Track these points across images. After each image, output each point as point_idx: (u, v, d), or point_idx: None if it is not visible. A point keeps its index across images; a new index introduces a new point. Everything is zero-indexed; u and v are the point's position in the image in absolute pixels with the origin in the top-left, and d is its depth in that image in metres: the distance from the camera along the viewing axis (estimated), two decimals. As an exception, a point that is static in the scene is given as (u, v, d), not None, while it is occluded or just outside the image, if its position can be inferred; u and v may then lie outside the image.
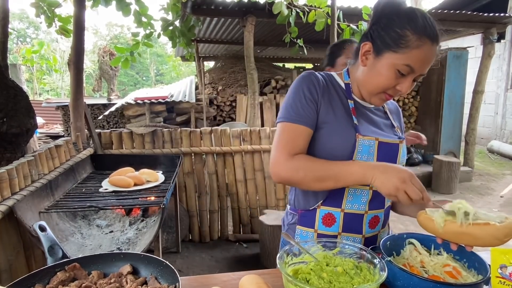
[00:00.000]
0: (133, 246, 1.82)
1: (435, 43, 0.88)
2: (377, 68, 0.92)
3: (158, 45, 27.22)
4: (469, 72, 5.78)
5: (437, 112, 5.87)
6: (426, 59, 0.89)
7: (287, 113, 0.97)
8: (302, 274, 0.83)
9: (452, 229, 0.81)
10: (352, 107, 1.01)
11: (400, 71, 0.89)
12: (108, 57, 12.10)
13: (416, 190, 0.81)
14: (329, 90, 1.01)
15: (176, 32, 4.04)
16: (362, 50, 0.96)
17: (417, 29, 0.87)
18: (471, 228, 0.78)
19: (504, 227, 0.75)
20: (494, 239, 0.75)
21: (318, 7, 3.80)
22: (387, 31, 0.90)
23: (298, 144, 0.95)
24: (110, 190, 2.05)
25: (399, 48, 0.88)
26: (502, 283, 0.63)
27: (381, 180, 0.84)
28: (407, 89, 0.92)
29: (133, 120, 5.19)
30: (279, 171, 0.95)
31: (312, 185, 0.93)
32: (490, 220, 0.78)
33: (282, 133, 0.97)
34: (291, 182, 0.96)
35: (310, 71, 1.02)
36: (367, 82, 0.97)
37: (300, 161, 0.93)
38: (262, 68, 6.89)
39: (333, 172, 0.91)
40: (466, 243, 0.81)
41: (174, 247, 3.08)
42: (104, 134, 3.03)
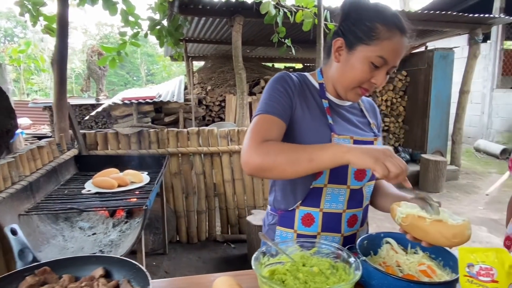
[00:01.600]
0: (116, 248, 1.80)
1: (403, 35, 0.91)
2: (351, 62, 0.93)
3: (149, 45, 27.02)
4: (455, 72, 5.86)
5: (424, 112, 5.94)
6: (397, 50, 0.91)
7: (261, 107, 0.96)
8: (278, 275, 0.83)
9: (409, 220, 0.82)
10: (326, 107, 1.01)
11: (374, 63, 0.90)
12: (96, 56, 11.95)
13: (396, 164, 0.76)
14: (303, 91, 1.02)
15: (163, 31, 4.02)
16: (335, 46, 0.97)
17: (386, 21, 0.90)
18: (423, 221, 0.79)
19: (453, 227, 0.75)
20: (441, 236, 0.76)
21: (305, 7, 3.82)
22: (358, 25, 0.92)
23: (270, 132, 0.91)
24: (93, 192, 2.03)
25: (371, 40, 0.89)
26: (470, 282, 0.64)
27: (358, 154, 0.78)
28: (382, 81, 0.93)
29: (120, 120, 5.13)
30: (248, 159, 0.87)
31: (286, 169, 0.85)
32: (450, 220, 0.78)
33: (255, 124, 0.93)
34: (263, 167, 0.86)
35: (284, 72, 1.02)
36: (342, 77, 0.97)
37: (271, 144, 0.88)
38: (251, 68, 6.89)
39: (307, 152, 0.84)
40: (418, 236, 0.82)
41: (161, 249, 3.05)
42: (89, 135, 2.99)
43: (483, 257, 0.63)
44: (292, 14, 3.83)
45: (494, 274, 0.62)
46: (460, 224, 0.76)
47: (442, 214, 0.81)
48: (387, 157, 0.77)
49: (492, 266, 0.62)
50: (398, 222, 0.85)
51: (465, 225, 0.75)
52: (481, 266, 0.63)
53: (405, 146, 6.45)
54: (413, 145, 6.29)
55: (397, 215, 0.85)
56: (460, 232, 0.74)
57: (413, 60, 6.19)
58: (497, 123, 7.84)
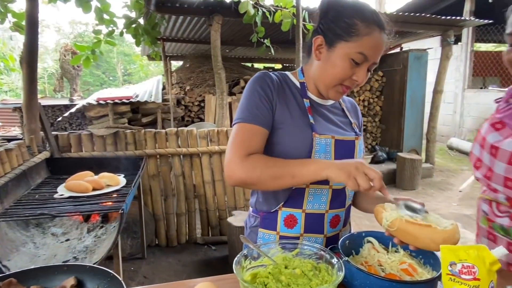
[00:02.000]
0: (91, 255, 1.73)
1: (382, 31, 0.92)
2: (332, 59, 0.93)
3: (125, 44, 26.43)
4: (429, 72, 6.04)
5: (400, 111, 6.09)
6: (376, 46, 0.91)
7: (242, 114, 0.96)
8: (260, 278, 0.81)
9: (397, 225, 0.81)
10: (307, 106, 1.00)
11: (354, 59, 0.90)
12: (70, 55, 11.59)
13: (365, 179, 0.80)
14: (284, 90, 1.00)
15: (139, 30, 3.92)
16: (315, 44, 0.96)
17: (364, 17, 0.90)
18: (412, 227, 0.79)
19: (443, 232, 0.75)
20: (431, 241, 0.76)
21: (284, 7, 3.82)
22: (337, 23, 0.92)
23: (253, 144, 0.93)
24: (67, 196, 1.94)
25: (350, 37, 0.89)
26: (452, 280, 0.64)
27: (334, 170, 0.83)
28: (363, 78, 0.93)
29: (95, 121, 4.97)
30: (233, 172, 0.91)
31: (269, 184, 0.90)
32: (438, 225, 0.78)
33: (236, 134, 0.95)
34: (247, 182, 0.91)
35: (264, 71, 1.01)
36: (323, 75, 0.96)
37: (255, 159, 0.91)
38: (231, 68, 6.84)
39: (289, 168, 0.88)
40: (407, 241, 0.81)
41: (139, 253, 2.97)
42: (61, 137, 2.87)
43: (465, 255, 0.64)
44: (271, 14, 3.83)
45: (476, 272, 0.62)
46: (450, 229, 0.76)
47: (429, 217, 0.82)
48: (359, 173, 0.80)
49: (474, 264, 0.63)
50: (385, 227, 0.84)
51: (454, 229, 0.76)
52: (463, 264, 0.63)
53: (382, 145, 6.59)
54: (390, 144, 6.43)
55: (384, 220, 0.84)
56: (450, 237, 0.75)
57: (389, 61, 6.34)
58: (469, 122, 8.15)
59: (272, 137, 0.98)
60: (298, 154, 0.96)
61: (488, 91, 7.76)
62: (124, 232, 2.92)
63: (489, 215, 1.11)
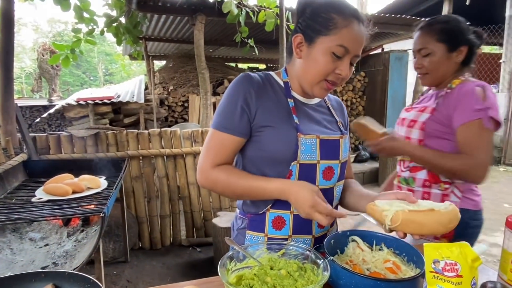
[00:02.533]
0: (71, 260, 1.67)
1: (361, 23, 0.92)
2: (313, 55, 0.93)
3: (106, 43, 25.93)
4: (409, 73, 6.17)
5: (382, 111, 6.20)
6: (356, 38, 0.91)
7: (219, 120, 0.97)
8: (246, 280, 0.80)
9: (401, 218, 0.81)
10: (292, 106, 1.00)
11: (335, 53, 0.90)
12: (48, 55, 11.29)
13: (321, 217, 0.87)
14: (267, 91, 0.99)
15: (121, 29, 3.84)
16: (295, 43, 0.97)
17: (341, 11, 0.91)
18: (416, 215, 0.79)
19: (448, 213, 0.77)
20: (439, 225, 0.77)
21: (268, 7, 3.82)
22: (314, 19, 0.93)
23: (222, 153, 0.97)
24: (45, 200, 1.88)
25: (329, 30, 0.90)
26: (436, 278, 0.65)
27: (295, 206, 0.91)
28: (346, 71, 0.92)
29: (75, 122, 4.85)
30: (201, 180, 0.99)
31: (232, 197, 1.03)
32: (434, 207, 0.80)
33: (209, 141, 0.99)
34: (213, 191, 1.04)
35: (245, 73, 1.00)
36: (306, 72, 0.96)
37: (219, 174, 0.97)
38: (214, 68, 6.81)
39: (251, 188, 0.95)
40: (413, 231, 0.81)
41: (122, 256, 2.91)
42: (39, 138, 2.78)
43: (448, 252, 0.64)
44: (255, 14, 3.83)
45: (458, 269, 0.63)
46: (451, 209, 0.78)
47: (423, 203, 0.83)
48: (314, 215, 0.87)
49: (456, 261, 0.64)
50: (388, 223, 0.83)
51: (455, 208, 0.79)
52: (446, 261, 0.64)
53: (365, 144, 6.69)
54: (373, 143, 6.53)
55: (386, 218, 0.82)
56: (454, 216, 0.77)
57: (371, 62, 6.45)
58: (447, 121, 8.36)
59: (258, 139, 0.97)
60: (283, 155, 0.95)
61: (466, 91, 7.99)
62: (106, 235, 2.86)
63: (398, 172, 1.51)
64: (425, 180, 1.38)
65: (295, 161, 0.95)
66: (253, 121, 0.96)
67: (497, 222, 3.97)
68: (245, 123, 0.96)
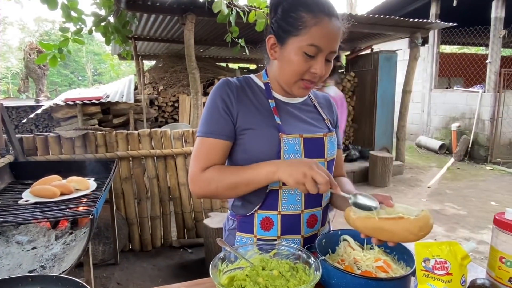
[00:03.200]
0: (60, 263, 1.64)
1: (333, 17, 0.89)
2: (285, 56, 0.92)
3: (95, 43, 25.62)
4: (398, 73, 6.25)
5: (371, 111, 6.26)
6: (328, 35, 0.88)
7: (203, 127, 0.98)
8: (238, 281, 0.80)
9: (371, 225, 0.80)
10: (273, 107, 1.00)
11: (307, 53, 0.89)
12: (35, 54, 11.12)
13: (322, 174, 0.80)
14: (246, 95, 1.00)
15: (109, 28, 3.79)
16: (268, 44, 0.96)
17: (309, 8, 0.88)
18: (386, 223, 0.78)
19: (416, 221, 0.74)
20: (409, 233, 0.74)
21: (258, 7, 3.82)
22: (284, 19, 0.91)
23: (211, 158, 0.96)
24: (32, 202, 1.84)
25: (299, 30, 0.89)
26: (426, 276, 0.66)
27: (288, 171, 0.83)
28: (322, 69, 0.91)
29: (63, 123, 4.77)
30: (193, 188, 0.97)
31: (228, 194, 0.95)
32: (409, 214, 0.77)
33: (197, 149, 0.98)
34: (207, 195, 0.97)
35: (224, 79, 1.01)
36: (281, 73, 0.97)
37: (210, 173, 0.95)
38: (205, 68, 6.78)
39: (243, 176, 0.91)
40: (385, 238, 0.80)
41: (112, 259, 2.87)
42: (26, 139, 2.73)
43: (438, 251, 0.65)
44: (245, 14, 3.82)
45: (448, 267, 0.64)
46: (422, 215, 0.75)
47: (398, 209, 0.82)
48: (307, 178, 0.80)
49: (446, 259, 0.64)
50: (358, 228, 0.83)
51: (426, 215, 0.75)
52: (436, 260, 0.65)
53: (355, 143, 6.75)
54: (362, 143, 6.60)
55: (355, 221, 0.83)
56: (425, 224, 0.74)
57: (360, 62, 6.50)
58: (436, 120, 8.50)
59: (240, 142, 0.98)
60: (267, 156, 0.94)
61: (453, 91, 8.13)
62: (95, 237, 2.82)
63: None
64: None
65: None
66: (236, 124, 0.97)
67: (484, 220, 4.04)
68: (229, 126, 0.97)
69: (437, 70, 8.46)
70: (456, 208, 4.43)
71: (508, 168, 6.51)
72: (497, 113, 6.83)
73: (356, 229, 0.85)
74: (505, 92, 6.78)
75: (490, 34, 6.85)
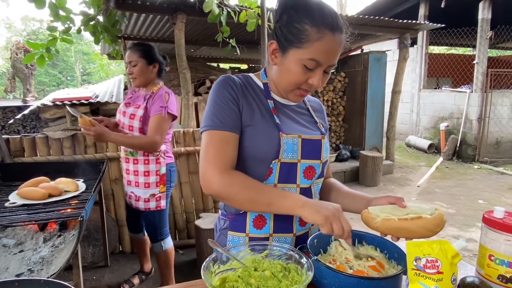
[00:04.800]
0: (48, 266, 1.61)
1: (337, 33, 0.88)
2: (285, 65, 0.92)
3: (84, 42, 25.30)
4: (388, 74, 6.31)
5: (362, 111, 6.31)
6: (329, 51, 0.88)
7: (211, 121, 0.94)
8: (230, 282, 0.79)
9: (390, 225, 0.86)
10: (272, 107, 1.00)
11: (307, 66, 0.89)
12: (22, 54, 10.92)
13: (340, 227, 0.84)
14: (248, 92, 1.00)
15: (98, 27, 3.74)
16: (270, 49, 0.95)
17: (314, 22, 0.86)
18: (405, 223, 0.85)
19: (434, 219, 0.83)
20: (427, 231, 0.83)
21: (249, 7, 3.82)
22: (288, 28, 0.90)
23: (228, 153, 0.93)
24: (19, 204, 1.81)
25: (301, 43, 0.88)
26: (417, 275, 0.66)
27: (311, 212, 0.85)
28: (319, 82, 0.91)
29: (51, 123, 4.69)
30: (211, 184, 0.90)
31: (243, 204, 0.93)
32: (423, 213, 0.85)
33: (209, 143, 0.93)
34: (222, 196, 0.92)
35: (226, 75, 1.00)
36: (279, 80, 0.97)
37: (234, 177, 0.91)
38: (196, 68, 6.74)
39: (267, 196, 0.89)
40: (404, 236, 0.87)
41: (102, 261, 2.83)
42: (13, 140, 2.68)
43: (429, 249, 0.66)
44: (236, 14, 3.81)
45: (439, 265, 0.64)
46: (437, 214, 0.84)
47: (412, 208, 0.89)
48: (335, 220, 0.84)
49: (437, 258, 0.65)
50: (380, 229, 0.89)
51: (441, 213, 0.84)
52: (427, 258, 0.65)
53: (345, 143, 6.79)
54: (353, 143, 6.64)
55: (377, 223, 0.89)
56: (441, 221, 0.83)
57: (351, 62, 6.55)
58: (424, 120, 8.61)
59: (241, 139, 0.97)
60: (266, 154, 0.95)
61: (442, 91, 8.25)
62: (85, 240, 2.78)
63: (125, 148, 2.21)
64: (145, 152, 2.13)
65: (276, 159, 0.95)
66: (241, 117, 0.96)
67: (472, 218, 4.11)
68: (237, 118, 0.95)
69: (425, 70, 8.57)
70: (445, 207, 4.49)
71: (495, 167, 6.63)
72: (484, 113, 6.95)
73: (377, 230, 0.90)
74: (492, 92, 6.91)
75: (477, 35, 6.97)
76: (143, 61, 2.13)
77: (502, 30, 7.68)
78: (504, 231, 0.80)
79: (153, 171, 2.18)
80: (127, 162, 2.21)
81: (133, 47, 2.17)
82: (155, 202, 2.20)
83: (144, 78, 2.16)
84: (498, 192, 5.15)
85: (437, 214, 0.84)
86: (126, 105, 2.20)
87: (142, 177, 2.18)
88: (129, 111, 2.14)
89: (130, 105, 2.18)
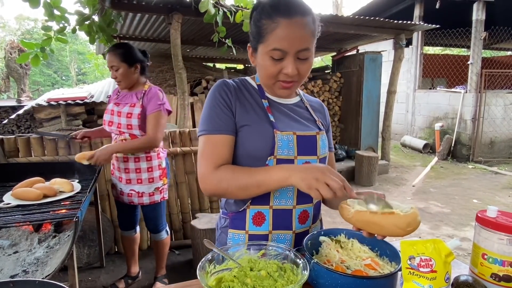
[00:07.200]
0: (43, 267, 1.60)
1: (294, 17, 0.88)
2: (259, 62, 0.98)
3: (79, 42, 25.16)
4: (383, 74, 6.34)
5: (357, 111, 6.34)
6: (289, 36, 0.89)
7: (206, 125, 0.99)
8: (226, 282, 0.80)
9: (361, 218, 0.83)
10: (266, 106, 1.04)
11: (273, 57, 0.93)
12: (16, 53, 10.85)
13: (327, 189, 0.80)
14: (242, 94, 1.04)
15: (94, 27, 3.72)
16: (248, 52, 1.03)
17: (267, 14, 0.92)
18: (376, 217, 0.80)
19: (405, 217, 0.77)
20: (396, 228, 0.77)
21: (245, 7, 3.82)
22: (253, 29, 0.97)
23: (221, 155, 0.98)
24: (14, 205, 1.79)
25: (263, 37, 0.93)
26: (412, 274, 0.67)
27: (301, 176, 0.84)
28: (293, 69, 0.92)
29: (46, 123, 4.66)
30: (205, 185, 0.97)
31: (238, 194, 0.95)
32: (399, 210, 0.80)
33: (204, 146, 0.99)
34: (217, 193, 0.98)
35: (221, 80, 1.05)
36: (260, 78, 1.04)
37: (222, 172, 0.95)
38: (192, 68, 6.73)
39: (255, 178, 0.92)
40: (374, 231, 0.83)
41: (97, 262, 2.82)
42: (7, 140, 2.66)
43: (423, 248, 0.66)
44: (232, 14, 3.81)
45: (433, 264, 0.65)
46: (411, 212, 0.78)
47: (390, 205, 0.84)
48: (320, 183, 0.81)
49: (431, 257, 0.66)
50: (351, 221, 0.86)
51: (415, 212, 0.78)
52: (421, 257, 0.66)
53: (341, 143, 6.82)
54: (348, 143, 6.67)
55: (349, 214, 0.86)
56: (413, 220, 0.76)
57: (346, 63, 6.58)
58: (420, 120, 8.66)
59: (236, 139, 1.01)
60: (261, 151, 0.98)
61: (437, 91, 8.30)
62: (80, 240, 2.77)
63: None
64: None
65: (271, 156, 0.97)
66: (235, 119, 1.01)
67: (467, 217, 4.15)
68: (232, 121, 1.00)
69: (420, 71, 8.62)
70: (440, 206, 4.53)
71: (489, 166, 6.69)
72: (478, 113, 7.01)
73: (350, 222, 0.87)
74: (486, 93, 6.97)
75: (472, 36, 7.03)
76: (125, 65, 2.14)
77: (496, 31, 7.76)
78: (497, 230, 0.81)
79: (155, 166, 2.25)
80: (126, 161, 2.21)
81: (112, 51, 2.16)
82: (159, 194, 2.30)
83: (129, 80, 2.19)
84: (492, 191, 5.19)
85: (411, 212, 0.78)
86: (116, 105, 2.22)
87: (145, 174, 2.23)
88: (125, 110, 2.15)
89: (121, 105, 2.20)
